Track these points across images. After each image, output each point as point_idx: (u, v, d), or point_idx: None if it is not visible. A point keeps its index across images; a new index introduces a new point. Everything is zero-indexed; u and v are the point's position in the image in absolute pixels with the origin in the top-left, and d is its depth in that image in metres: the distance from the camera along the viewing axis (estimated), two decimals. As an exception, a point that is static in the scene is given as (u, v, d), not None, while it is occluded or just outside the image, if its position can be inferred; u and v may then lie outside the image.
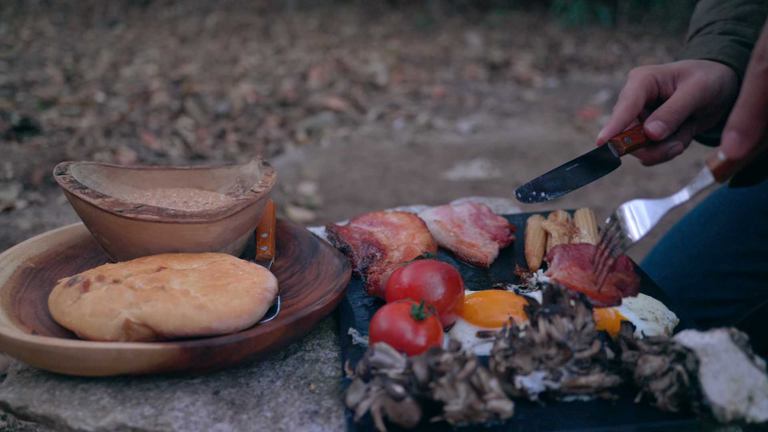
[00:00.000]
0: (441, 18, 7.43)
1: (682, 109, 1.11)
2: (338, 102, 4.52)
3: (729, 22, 1.21)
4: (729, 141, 0.80)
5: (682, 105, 1.11)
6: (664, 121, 1.11)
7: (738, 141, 0.78)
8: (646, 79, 1.13)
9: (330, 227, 1.25)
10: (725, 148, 0.80)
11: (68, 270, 1.09)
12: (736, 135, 0.78)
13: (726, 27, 1.21)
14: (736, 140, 0.79)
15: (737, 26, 1.20)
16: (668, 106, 1.11)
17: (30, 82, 4.68)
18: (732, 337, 0.78)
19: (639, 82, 1.13)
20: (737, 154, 0.80)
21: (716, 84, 1.12)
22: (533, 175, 3.47)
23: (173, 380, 0.88)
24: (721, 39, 1.19)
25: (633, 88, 1.13)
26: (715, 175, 0.85)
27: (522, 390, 0.80)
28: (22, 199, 2.87)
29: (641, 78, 1.13)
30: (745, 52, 1.15)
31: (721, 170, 0.85)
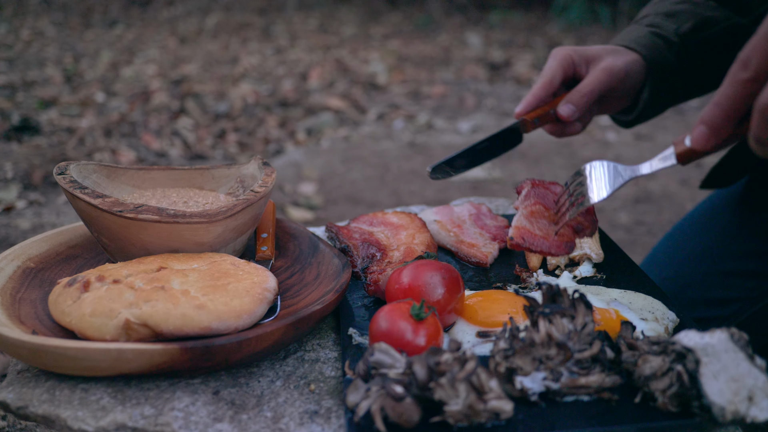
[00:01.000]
0: (441, 18, 7.43)
1: (591, 93, 1.21)
2: (338, 102, 4.52)
3: (659, 16, 1.31)
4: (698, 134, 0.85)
5: (591, 89, 1.21)
6: (574, 104, 1.21)
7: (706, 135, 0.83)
8: (564, 59, 1.23)
9: (330, 227, 1.25)
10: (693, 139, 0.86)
11: (68, 270, 1.09)
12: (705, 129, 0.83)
13: (654, 20, 1.30)
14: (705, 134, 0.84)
15: (663, 21, 1.29)
16: (578, 90, 1.21)
17: (30, 82, 4.68)
18: (732, 337, 0.78)
19: (558, 62, 1.23)
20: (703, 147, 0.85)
21: (622, 70, 1.21)
22: (533, 176, 3.47)
23: (173, 380, 0.88)
24: (643, 29, 1.29)
25: (551, 66, 1.24)
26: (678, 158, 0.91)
27: (522, 390, 0.80)
28: (22, 199, 2.87)
29: (560, 58, 1.23)
30: (659, 44, 1.25)
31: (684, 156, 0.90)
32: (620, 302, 0.99)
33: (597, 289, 1.04)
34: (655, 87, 1.28)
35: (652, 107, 1.31)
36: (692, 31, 1.28)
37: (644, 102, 1.29)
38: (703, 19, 1.29)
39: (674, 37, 1.28)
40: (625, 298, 1.01)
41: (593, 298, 0.99)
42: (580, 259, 1.16)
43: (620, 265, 1.15)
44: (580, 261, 1.16)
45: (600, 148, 3.79)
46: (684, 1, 1.32)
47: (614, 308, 0.96)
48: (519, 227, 1.04)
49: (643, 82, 1.27)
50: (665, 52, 1.27)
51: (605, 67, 1.22)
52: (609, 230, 2.86)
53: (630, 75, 1.23)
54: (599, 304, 0.97)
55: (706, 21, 1.29)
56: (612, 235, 2.77)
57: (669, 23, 1.29)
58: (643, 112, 1.31)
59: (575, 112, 1.22)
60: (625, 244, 2.69)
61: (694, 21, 1.29)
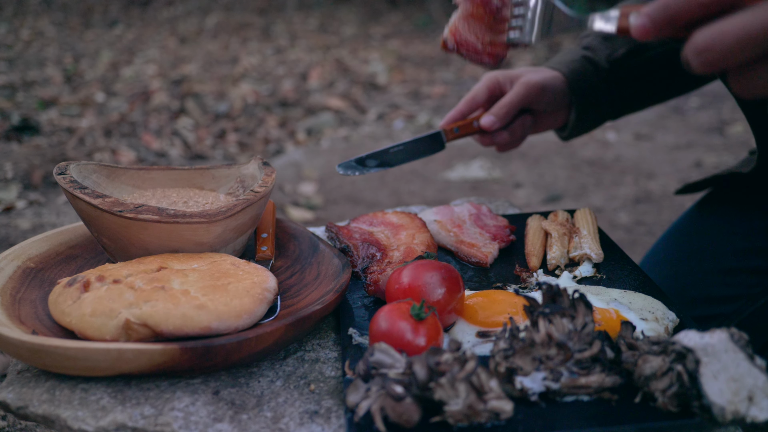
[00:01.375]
0: (441, 18, 7.43)
1: (509, 105, 1.33)
2: (338, 102, 4.52)
3: (597, 39, 1.42)
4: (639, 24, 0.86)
5: (509, 101, 1.33)
6: (494, 115, 1.34)
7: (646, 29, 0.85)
8: (489, 79, 1.38)
9: (330, 227, 1.25)
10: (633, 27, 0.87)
11: (68, 270, 1.09)
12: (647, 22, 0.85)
13: (592, 42, 1.42)
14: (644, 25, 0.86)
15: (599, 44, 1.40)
16: (499, 103, 1.35)
17: (30, 82, 4.68)
18: (732, 337, 0.78)
19: (483, 82, 1.38)
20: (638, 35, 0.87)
21: (539, 83, 1.34)
22: (533, 176, 3.47)
23: (173, 380, 0.88)
24: (577, 53, 1.41)
25: (477, 86, 1.38)
26: (618, 31, 0.89)
27: (522, 390, 0.80)
28: (22, 199, 2.87)
29: (486, 79, 1.39)
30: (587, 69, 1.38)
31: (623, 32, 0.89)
32: (620, 302, 0.99)
33: (597, 289, 1.04)
34: (582, 107, 1.39)
35: (583, 124, 1.43)
36: (625, 56, 1.39)
37: (573, 120, 1.41)
38: (638, 45, 1.38)
39: (605, 63, 1.39)
40: (625, 298, 1.01)
41: (593, 298, 0.99)
42: (580, 259, 1.16)
43: (620, 265, 1.15)
44: (580, 261, 1.16)
45: (600, 148, 3.80)
46: None
47: (614, 308, 0.96)
48: (454, 28, 1.00)
49: (570, 101, 1.39)
50: (592, 77, 1.38)
51: (523, 82, 1.34)
52: (609, 230, 2.86)
53: (548, 89, 1.35)
54: (599, 304, 0.97)
55: (641, 47, 1.38)
56: (612, 235, 2.77)
57: (603, 48, 1.39)
58: (575, 128, 1.43)
59: (495, 122, 1.34)
60: (625, 244, 2.69)
61: (629, 47, 1.39)
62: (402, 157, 1.34)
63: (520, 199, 3.20)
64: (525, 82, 1.34)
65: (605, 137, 4.00)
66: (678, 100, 4.68)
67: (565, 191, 3.30)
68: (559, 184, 3.39)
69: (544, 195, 3.25)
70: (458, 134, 1.37)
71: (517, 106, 1.34)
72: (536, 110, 1.39)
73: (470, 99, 1.38)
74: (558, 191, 3.29)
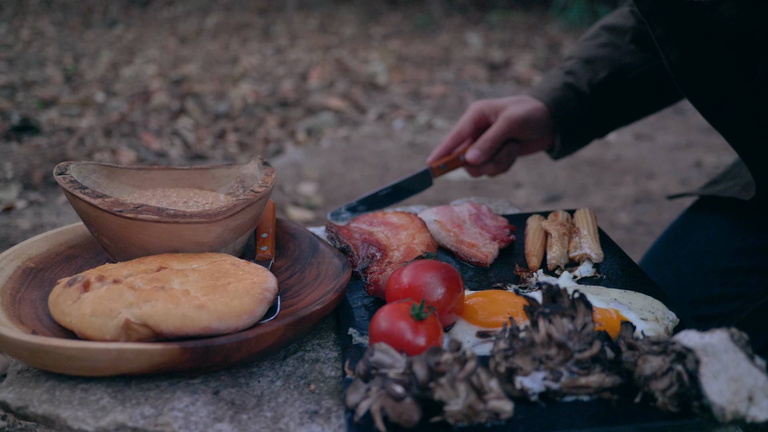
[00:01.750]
0: (441, 18, 7.43)
1: (494, 139, 1.39)
2: (338, 102, 4.52)
3: (579, 62, 1.45)
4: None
5: (493, 136, 1.39)
6: (479, 149, 1.39)
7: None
8: (475, 112, 1.43)
9: (330, 227, 1.25)
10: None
11: (68, 270, 1.09)
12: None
13: (574, 66, 1.45)
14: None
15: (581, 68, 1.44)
16: (483, 137, 1.40)
17: (30, 82, 4.68)
18: (732, 337, 0.78)
19: (469, 115, 1.43)
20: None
21: (521, 117, 1.39)
22: (533, 176, 3.47)
23: (173, 380, 0.88)
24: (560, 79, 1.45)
25: (463, 120, 1.44)
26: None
27: (522, 390, 0.80)
28: (22, 199, 2.87)
29: (472, 111, 1.43)
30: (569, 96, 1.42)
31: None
32: (620, 302, 0.99)
33: (597, 289, 1.04)
34: (566, 133, 1.44)
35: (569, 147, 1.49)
36: (606, 79, 1.43)
37: (558, 145, 1.47)
38: (619, 66, 1.42)
39: (586, 87, 1.42)
40: (625, 298, 1.01)
41: (593, 298, 0.99)
42: (580, 259, 1.16)
43: (620, 265, 1.15)
44: (580, 261, 1.16)
45: (600, 148, 3.79)
46: (607, 44, 1.46)
47: (614, 308, 0.96)
48: None
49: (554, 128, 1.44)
50: (574, 104, 1.42)
51: (506, 116, 1.39)
52: (609, 230, 2.86)
53: (530, 121, 1.40)
54: (599, 304, 0.97)
55: (622, 68, 1.42)
56: (612, 235, 2.77)
57: (585, 72, 1.44)
58: (562, 150, 1.49)
59: (480, 156, 1.39)
60: (625, 244, 2.69)
61: (610, 69, 1.43)
62: (391, 199, 1.40)
63: (520, 199, 3.20)
64: (507, 116, 1.39)
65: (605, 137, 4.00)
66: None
67: (565, 191, 3.30)
68: (559, 184, 3.39)
69: (544, 195, 3.25)
70: (445, 170, 1.43)
71: (501, 139, 1.40)
72: (521, 139, 1.44)
73: (456, 134, 1.44)
74: (558, 191, 3.29)
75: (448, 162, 1.42)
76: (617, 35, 1.45)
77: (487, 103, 1.44)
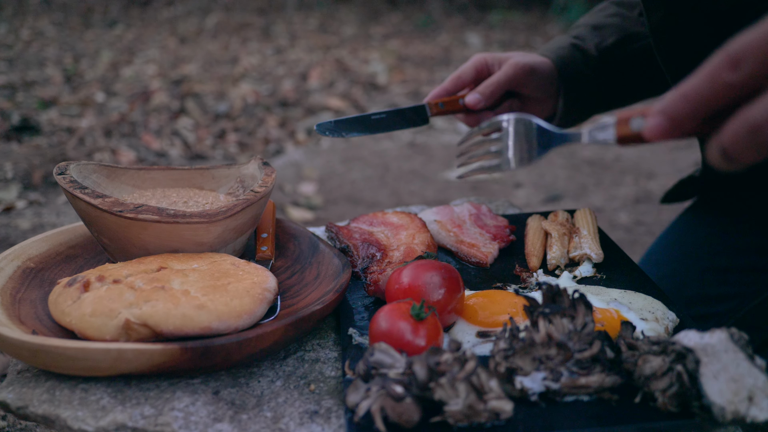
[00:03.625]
0: (441, 18, 7.43)
1: (496, 84, 1.31)
2: (338, 102, 4.52)
3: (587, 28, 1.41)
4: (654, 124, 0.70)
5: (496, 80, 1.31)
6: (480, 93, 1.31)
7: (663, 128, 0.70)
8: (477, 60, 1.35)
9: (330, 227, 1.25)
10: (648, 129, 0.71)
11: (68, 270, 1.09)
12: (664, 121, 0.69)
13: (581, 32, 1.40)
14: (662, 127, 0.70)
15: (589, 33, 1.39)
16: (485, 82, 1.32)
17: (30, 82, 4.68)
18: (732, 337, 0.78)
19: (471, 62, 1.36)
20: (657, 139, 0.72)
21: (527, 66, 1.31)
22: (532, 176, 3.47)
23: (173, 380, 0.88)
24: (567, 40, 1.39)
25: (464, 66, 1.36)
26: (619, 141, 0.77)
27: (522, 390, 0.80)
28: (22, 199, 2.87)
29: (475, 59, 1.36)
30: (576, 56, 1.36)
31: (626, 140, 0.76)
32: (620, 302, 0.99)
33: (597, 289, 1.04)
34: (570, 95, 1.37)
35: (571, 115, 1.40)
36: (614, 45, 1.37)
37: (561, 110, 1.38)
38: (628, 34, 1.37)
39: (593, 50, 1.37)
40: (625, 298, 1.01)
41: (593, 298, 0.99)
42: (580, 259, 1.16)
43: (620, 265, 1.15)
44: (580, 261, 1.16)
45: (600, 148, 3.80)
46: (616, 14, 1.41)
47: (614, 308, 0.96)
48: None
49: (558, 88, 1.37)
50: (581, 64, 1.36)
51: (512, 63, 1.32)
52: (609, 230, 2.86)
53: (536, 73, 1.32)
54: (599, 304, 0.97)
55: (631, 36, 1.37)
56: (612, 235, 2.77)
57: (593, 36, 1.38)
58: (563, 118, 1.40)
59: (480, 100, 1.31)
60: (625, 244, 2.69)
61: (618, 36, 1.37)
62: (383, 125, 1.31)
63: (520, 199, 3.20)
64: (514, 63, 1.31)
65: None
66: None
67: (565, 191, 3.30)
68: (559, 184, 3.39)
69: (544, 195, 3.25)
70: (443, 110, 1.34)
71: (504, 86, 1.32)
72: (524, 94, 1.36)
73: (456, 77, 1.35)
74: (558, 191, 3.29)
75: (447, 102, 1.34)
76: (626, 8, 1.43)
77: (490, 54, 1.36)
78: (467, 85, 1.36)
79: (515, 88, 1.33)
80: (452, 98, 1.34)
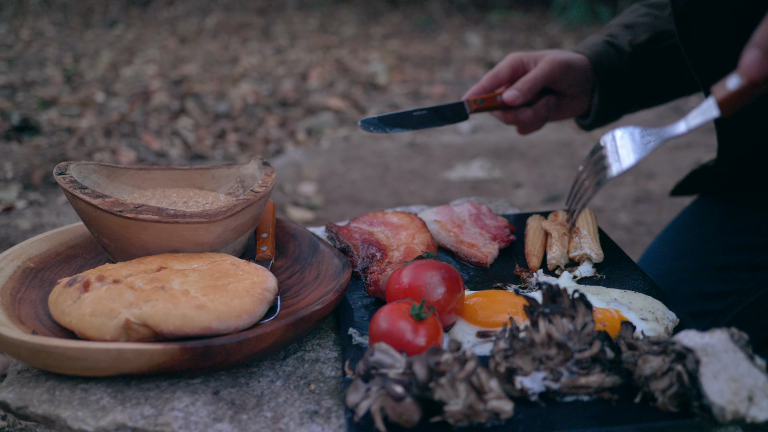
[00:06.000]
0: (441, 18, 7.43)
1: (533, 80, 1.33)
2: (338, 102, 4.52)
3: (619, 27, 1.42)
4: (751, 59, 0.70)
5: (533, 77, 1.33)
6: (518, 90, 1.33)
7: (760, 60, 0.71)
8: (513, 58, 1.38)
9: (330, 227, 1.25)
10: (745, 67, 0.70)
11: (68, 270, 1.09)
12: (758, 53, 0.69)
13: (613, 30, 1.42)
14: (759, 59, 0.70)
15: (621, 31, 1.41)
16: (523, 79, 1.34)
17: (30, 82, 4.68)
18: (732, 337, 0.78)
19: (507, 61, 1.38)
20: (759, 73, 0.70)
21: (564, 62, 1.33)
22: (533, 176, 3.47)
23: (173, 380, 0.88)
24: (600, 38, 1.41)
25: (500, 64, 1.38)
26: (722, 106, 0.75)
27: (522, 390, 0.80)
28: (22, 199, 2.87)
29: (510, 58, 1.39)
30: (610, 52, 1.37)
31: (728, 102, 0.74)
32: (620, 302, 0.99)
33: (597, 289, 1.04)
34: (605, 91, 1.38)
35: (606, 111, 1.42)
36: (647, 42, 1.38)
37: (596, 104, 1.39)
38: (660, 32, 1.38)
39: (627, 47, 1.38)
40: (625, 298, 1.01)
41: (593, 298, 0.99)
42: (580, 259, 1.16)
43: (620, 265, 1.15)
44: (580, 261, 1.16)
45: (600, 148, 3.79)
46: (647, 14, 1.42)
47: (614, 308, 0.96)
48: None
49: (593, 84, 1.38)
50: (615, 60, 1.37)
51: (548, 59, 1.34)
52: (609, 230, 2.86)
53: (572, 68, 1.34)
54: (599, 304, 0.97)
55: (662, 34, 1.38)
56: (612, 235, 2.77)
57: (626, 34, 1.40)
58: (598, 115, 1.41)
59: (518, 96, 1.33)
60: (625, 244, 2.69)
61: (651, 33, 1.39)
62: (424, 122, 1.33)
63: (520, 199, 3.20)
64: (550, 59, 1.33)
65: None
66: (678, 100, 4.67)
67: (565, 191, 3.30)
68: (559, 184, 3.39)
69: (544, 195, 3.25)
70: (482, 106, 1.36)
71: (541, 82, 1.33)
72: (560, 91, 1.38)
73: (493, 75, 1.37)
74: (558, 191, 3.29)
75: (485, 98, 1.36)
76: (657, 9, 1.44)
77: (525, 53, 1.39)
78: (503, 83, 1.38)
79: (551, 85, 1.35)
80: (490, 95, 1.36)
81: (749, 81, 0.70)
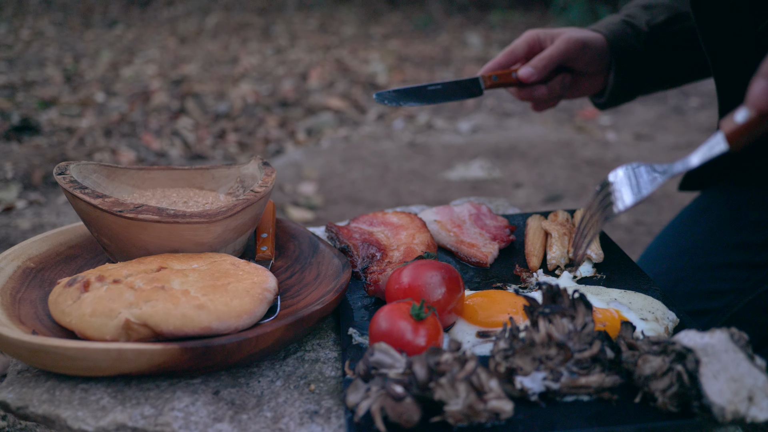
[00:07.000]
0: (441, 18, 7.43)
1: (549, 58, 1.33)
2: (338, 102, 4.52)
3: (637, 8, 1.42)
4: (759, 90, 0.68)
5: (549, 54, 1.33)
6: (533, 67, 1.33)
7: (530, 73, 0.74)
8: (529, 35, 1.38)
9: (330, 227, 1.25)
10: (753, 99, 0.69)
11: (68, 270, 1.09)
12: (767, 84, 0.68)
13: (631, 11, 1.42)
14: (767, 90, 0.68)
15: (639, 11, 1.41)
16: (538, 56, 1.34)
17: (30, 82, 4.68)
18: (732, 337, 0.78)
19: (524, 38, 1.38)
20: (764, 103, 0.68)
21: (580, 40, 1.33)
22: (533, 176, 3.47)
23: (173, 380, 0.88)
24: (617, 18, 1.41)
25: (517, 41, 1.38)
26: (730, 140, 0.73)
27: (522, 390, 0.80)
28: (22, 199, 2.87)
29: (527, 35, 1.38)
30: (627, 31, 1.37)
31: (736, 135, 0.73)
32: (620, 302, 0.99)
33: (597, 289, 1.04)
34: (621, 70, 1.37)
35: (621, 91, 1.41)
36: (665, 23, 1.38)
37: (612, 83, 1.39)
38: (677, 13, 1.38)
39: (645, 27, 1.37)
40: (625, 298, 1.01)
41: (593, 298, 0.99)
42: (580, 259, 1.16)
43: (620, 265, 1.15)
44: (580, 261, 1.16)
45: (600, 148, 3.79)
46: None
47: (614, 308, 0.97)
48: None
49: (609, 63, 1.38)
50: (632, 39, 1.36)
51: (564, 38, 1.33)
52: (609, 230, 2.86)
53: (588, 46, 1.34)
54: (599, 304, 0.97)
55: (680, 15, 1.38)
56: (612, 235, 2.77)
57: (643, 14, 1.39)
58: (613, 94, 1.40)
59: (533, 73, 1.32)
60: (625, 244, 2.69)
61: (668, 14, 1.38)
62: (439, 96, 1.33)
63: (520, 199, 3.20)
64: (566, 38, 1.33)
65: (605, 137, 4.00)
66: (678, 100, 4.68)
67: (565, 191, 3.30)
68: (559, 184, 3.39)
69: (544, 195, 3.25)
70: (497, 82, 1.36)
71: (556, 60, 1.33)
72: (576, 69, 1.37)
73: (509, 52, 1.37)
74: (558, 191, 3.29)
75: (500, 74, 1.36)
76: None
77: (543, 30, 1.39)
78: (519, 60, 1.38)
79: (567, 63, 1.35)
80: (506, 71, 1.36)
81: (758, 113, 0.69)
